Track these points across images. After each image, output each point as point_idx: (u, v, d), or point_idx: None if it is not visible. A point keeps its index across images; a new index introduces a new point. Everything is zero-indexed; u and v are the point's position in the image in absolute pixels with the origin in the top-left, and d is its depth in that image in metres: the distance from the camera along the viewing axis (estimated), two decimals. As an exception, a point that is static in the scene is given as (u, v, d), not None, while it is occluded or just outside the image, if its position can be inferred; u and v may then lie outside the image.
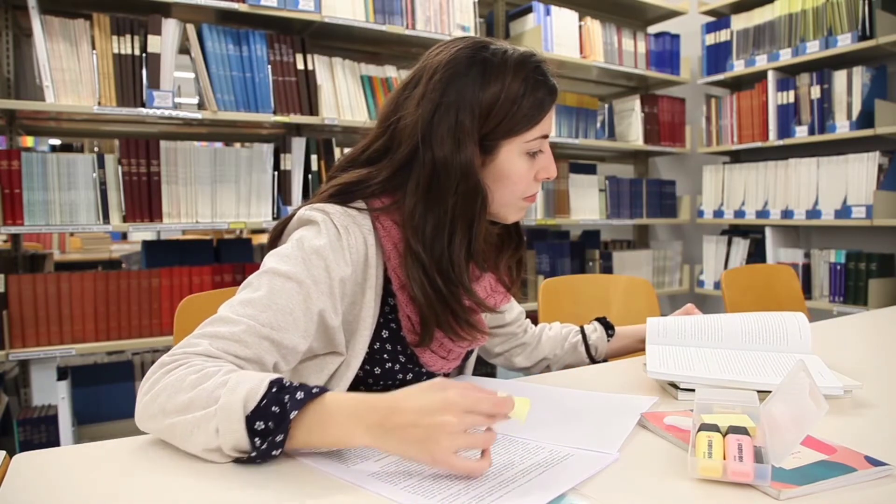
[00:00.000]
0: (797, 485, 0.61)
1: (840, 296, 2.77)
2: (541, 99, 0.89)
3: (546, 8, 2.82)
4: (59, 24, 1.93)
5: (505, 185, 0.91)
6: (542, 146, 0.93)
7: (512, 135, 0.89)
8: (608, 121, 3.18)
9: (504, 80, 0.87)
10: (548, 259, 2.97)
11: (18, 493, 0.62)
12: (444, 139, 0.86)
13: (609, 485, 0.64)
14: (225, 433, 0.65)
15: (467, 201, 0.87)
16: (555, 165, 0.94)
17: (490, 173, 0.90)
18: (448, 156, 0.85)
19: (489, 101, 0.87)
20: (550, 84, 0.91)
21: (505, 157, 0.90)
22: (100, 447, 0.74)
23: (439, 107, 0.86)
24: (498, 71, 0.87)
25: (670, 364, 1.00)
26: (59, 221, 1.95)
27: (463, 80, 0.87)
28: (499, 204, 0.93)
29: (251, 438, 0.65)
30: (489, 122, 0.87)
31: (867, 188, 2.62)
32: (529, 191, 0.94)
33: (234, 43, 2.15)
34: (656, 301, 1.66)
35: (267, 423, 0.65)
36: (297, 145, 2.29)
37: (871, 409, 0.88)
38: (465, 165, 0.86)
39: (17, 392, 2.20)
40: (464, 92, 0.86)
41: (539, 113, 0.89)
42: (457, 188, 0.86)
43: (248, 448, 0.66)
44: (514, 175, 0.91)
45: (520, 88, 0.87)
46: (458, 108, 0.86)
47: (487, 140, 0.88)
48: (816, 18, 2.80)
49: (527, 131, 0.89)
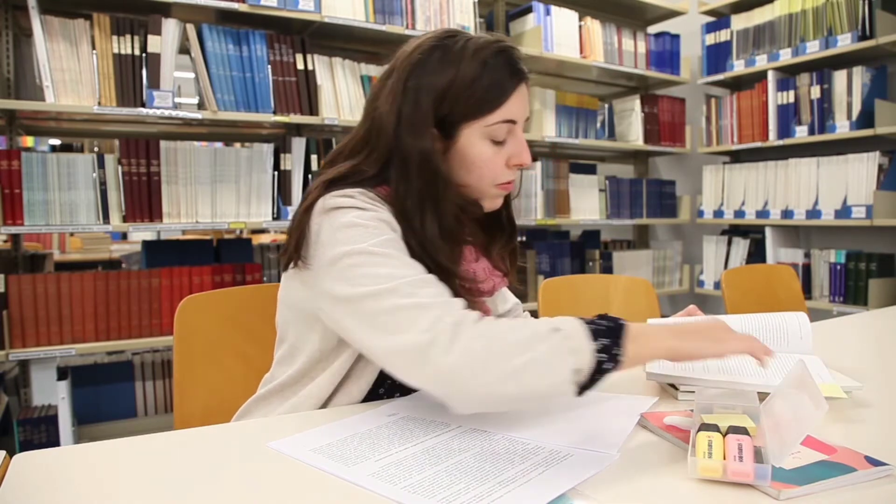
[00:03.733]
0: (797, 485, 0.61)
1: (840, 296, 2.77)
2: (499, 81, 0.89)
3: (546, 8, 2.82)
4: (59, 24, 1.93)
5: (470, 171, 0.92)
6: (512, 132, 0.93)
7: (470, 118, 0.89)
8: (608, 121, 3.18)
9: (460, 63, 0.88)
10: (548, 259, 2.97)
11: (18, 493, 0.62)
12: (407, 126, 0.87)
13: (609, 485, 0.64)
14: (581, 351, 0.68)
15: (430, 185, 0.87)
16: (528, 152, 0.94)
17: (455, 158, 0.91)
18: (411, 142, 0.87)
19: (444, 85, 0.88)
20: (515, 68, 0.91)
21: (466, 141, 0.90)
22: (100, 447, 0.74)
23: (404, 94, 0.88)
24: (456, 55, 0.89)
25: (670, 365, 1.00)
26: (59, 221, 1.95)
27: (424, 66, 0.89)
28: (472, 189, 0.94)
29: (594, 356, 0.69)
30: (445, 106, 0.88)
31: (867, 188, 2.62)
32: (501, 178, 0.94)
33: (234, 43, 2.15)
34: (656, 301, 1.66)
35: (603, 341, 0.69)
36: (297, 145, 2.29)
37: (871, 409, 0.88)
38: (423, 151, 0.87)
39: (17, 392, 2.20)
40: (423, 78, 0.88)
41: (499, 96, 0.89)
42: (420, 172, 0.87)
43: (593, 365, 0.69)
44: (478, 160, 0.91)
45: (476, 71, 0.88)
46: (418, 94, 0.88)
47: (447, 124, 0.89)
48: (816, 18, 2.80)
49: (486, 115, 0.89)
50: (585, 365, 0.68)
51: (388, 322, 0.73)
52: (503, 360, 0.68)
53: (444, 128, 0.90)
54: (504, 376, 0.68)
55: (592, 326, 0.71)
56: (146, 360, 2.34)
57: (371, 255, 0.78)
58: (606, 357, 0.69)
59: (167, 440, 0.78)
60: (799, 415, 0.63)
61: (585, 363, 0.68)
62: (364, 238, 0.80)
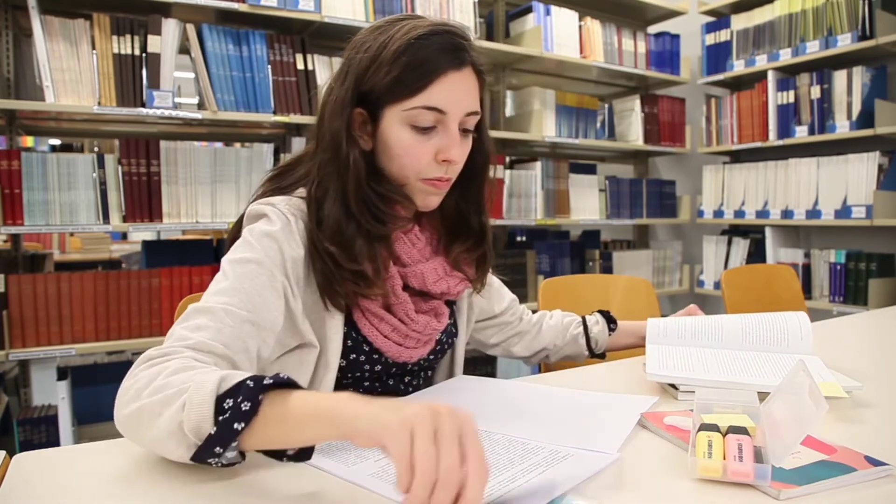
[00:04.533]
0: (797, 485, 0.61)
1: (840, 296, 2.77)
2: (423, 62, 0.83)
3: (546, 8, 2.82)
4: (59, 24, 1.93)
5: (392, 158, 0.88)
6: (443, 123, 0.86)
7: (390, 100, 0.85)
8: (608, 121, 3.18)
9: (387, 42, 0.84)
10: (548, 259, 2.97)
11: (18, 493, 0.62)
12: (333, 105, 0.86)
13: (609, 485, 0.64)
14: (190, 409, 0.59)
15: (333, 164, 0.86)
16: (458, 148, 0.87)
17: (379, 143, 0.88)
18: (329, 122, 0.86)
19: (368, 60, 0.85)
20: (450, 53, 0.84)
21: (386, 125, 0.87)
22: (100, 447, 0.74)
23: (336, 78, 0.89)
24: (385, 34, 0.85)
25: (670, 365, 1.00)
26: (59, 221, 1.95)
27: (360, 45, 0.87)
28: (396, 178, 0.89)
29: (215, 417, 0.59)
30: (366, 83, 0.85)
31: (867, 188, 2.62)
32: (427, 172, 0.88)
33: (234, 43, 2.15)
34: (656, 301, 1.66)
35: (236, 399, 0.59)
36: (297, 145, 2.29)
37: (871, 409, 0.88)
38: (333, 130, 0.85)
39: (17, 392, 2.20)
40: (355, 55, 0.86)
41: (420, 79, 0.83)
42: (326, 151, 0.86)
43: (210, 428, 0.59)
44: (396, 146, 0.86)
45: (399, 49, 0.83)
46: (347, 72, 0.87)
47: (370, 104, 0.86)
48: (816, 18, 2.80)
49: (406, 98, 0.84)
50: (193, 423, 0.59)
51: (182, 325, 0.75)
52: (134, 399, 0.65)
53: (366, 107, 0.87)
54: (131, 413, 0.64)
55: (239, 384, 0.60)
56: (146, 360, 2.34)
57: (222, 272, 0.81)
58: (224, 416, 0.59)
59: (167, 440, 0.78)
60: (799, 415, 0.63)
61: (195, 421, 0.59)
62: (236, 252, 0.82)
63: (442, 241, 0.99)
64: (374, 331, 0.91)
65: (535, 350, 1.24)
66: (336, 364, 0.89)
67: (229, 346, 0.74)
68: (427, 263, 0.95)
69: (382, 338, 0.92)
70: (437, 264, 0.96)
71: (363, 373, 0.94)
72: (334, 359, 0.89)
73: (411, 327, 0.93)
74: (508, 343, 1.23)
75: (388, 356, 0.93)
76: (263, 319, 0.79)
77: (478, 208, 0.99)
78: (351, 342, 0.91)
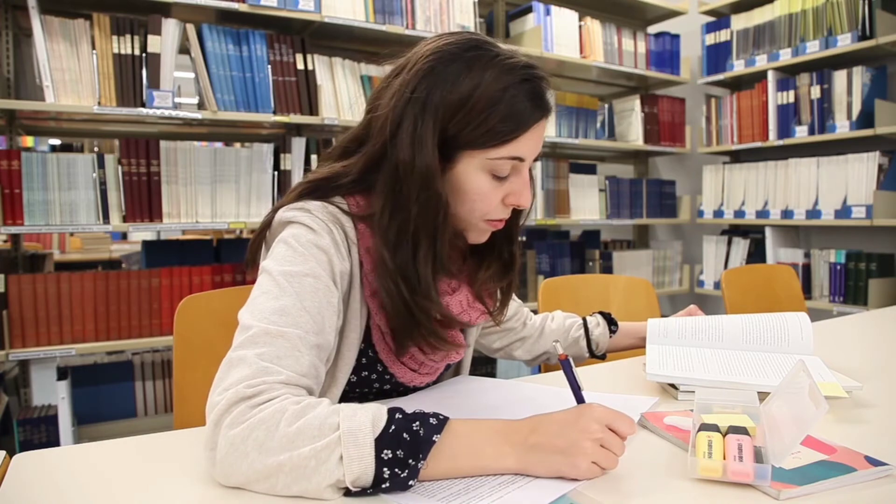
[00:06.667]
0: (797, 485, 0.61)
1: (840, 296, 2.77)
2: (518, 114, 0.78)
3: (546, 8, 2.82)
4: (59, 24, 1.93)
5: (462, 201, 0.83)
6: (517, 169, 0.83)
7: (474, 147, 0.79)
8: (608, 121, 3.18)
9: (481, 82, 0.77)
10: (548, 259, 2.97)
11: (18, 493, 0.62)
12: (406, 138, 0.78)
13: (609, 485, 0.64)
14: (351, 461, 0.59)
15: (428, 211, 0.79)
16: (529, 193, 0.84)
17: (448, 183, 0.82)
18: (409, 158, 0.78)
19: (456, 103, 0.78)
20: (539, 101, 0.80)
21: (462, 168, 0.81)
22: (100, 447, 0.74)
23: (409, 102, 0.79)
24: (478, 71, 0.78)
25: (670, 365, 1.00)
26: (59, 221, 1.95)
27: (439, 76, 0.78)
28: (458, 219, 0.85)
29: (378, 468, 0.60)
30: (452, 126, 0.78)
31: (867, 188, 2.62)
32: (494, 214, 0.85)
33: (234, 43, 2.15)
34: (656, 301, 1.65)
35: (395, 452, 0.60)
36: (297, 145, 2.29)
37: (871, 409, 0.88)
38: (424, 171, 0.78)
39: (17, 392, 2.20)
40: (434, 89, 0.78)
41: (514, 131, 0.79)
42: (418, 195, 0.78)
43: (372, 478, 0.60)
44: (472, 192, 0.82)
45: (496, 96, 0.77)
46: (425, 106, 0.78)
47: (447, 146, 0.79)
48: (816, 18, 2.80)
49: (493, 148, 0.79)
50: (355, 477, 0.59)
51: (224, 363, 0.70)
52: (261, 453, 0.61)
53: (443, 148, 0.80)
54: (263, 469, 0.60)
55: (392, 429, 0.62)
56: (146, 360, 2.34)
57: (276, 285, 0.74)
58: (390, 473, 0.60)
59: (167, 440, 0.78)
60: (799, 415, 0.63)
61: (355, 475, 0.59)
62: (286, 262, 0.76)
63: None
64: (391, 355, 0.89)
65: (537, 354, 1.24)
66: (345, 380, 0.86)
67: (308, 376, 0.71)
68: (454, 296, 0.91)
69: (399, 364, 0.90)
70: (463, 296, 0.92)
71: (371, 389, 0.93)
72: (343, 374, 0.86)
73: (429, 356, 0.91)
74: (511, 348, 1.23)
75: (401, 380, 0.92)
76: (326, 342, 0.76)
77: (510, 238, 0.95)
78: (365, 360, 0.89)
